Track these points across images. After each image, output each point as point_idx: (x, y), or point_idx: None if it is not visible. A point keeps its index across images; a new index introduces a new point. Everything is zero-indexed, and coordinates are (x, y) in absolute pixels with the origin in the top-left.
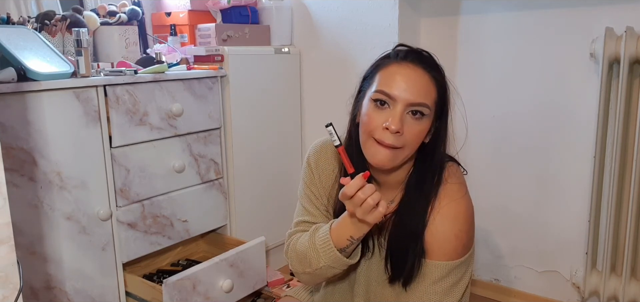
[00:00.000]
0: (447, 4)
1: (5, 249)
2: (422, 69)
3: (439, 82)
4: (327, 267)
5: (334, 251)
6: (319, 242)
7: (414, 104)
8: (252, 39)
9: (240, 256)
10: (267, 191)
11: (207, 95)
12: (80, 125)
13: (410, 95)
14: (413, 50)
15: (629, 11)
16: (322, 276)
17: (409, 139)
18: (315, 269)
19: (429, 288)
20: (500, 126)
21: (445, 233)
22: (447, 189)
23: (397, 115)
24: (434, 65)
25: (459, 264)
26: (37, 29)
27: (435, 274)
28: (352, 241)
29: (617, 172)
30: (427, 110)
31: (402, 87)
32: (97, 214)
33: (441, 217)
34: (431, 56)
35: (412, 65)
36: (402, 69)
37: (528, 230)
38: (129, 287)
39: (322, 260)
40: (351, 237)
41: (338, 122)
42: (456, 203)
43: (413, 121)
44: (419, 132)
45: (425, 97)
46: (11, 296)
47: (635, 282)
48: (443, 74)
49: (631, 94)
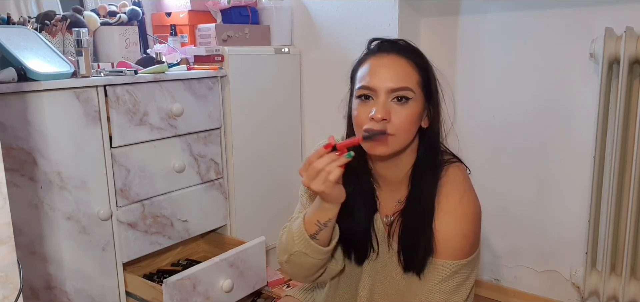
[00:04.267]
0: (447, 4)
1: (6, 249)
2: (397, 55)
3: (419, 65)
4: (300, 253)
5: (305, 235)
6: (295, 228)
7: (394, 89)
8: (252, 39)
9: (240, 256)
10: (267, 191)
11: (207, 95)
12: (81, 125)
13: (390, 81)
14: (387, 40)
15: (629, 11)
16: (299, 265)
17: (398, 125)
18: (291, 255)
19: (435, 287)
20: (500, 126)
21: (453, 232)
22: (450, 177)
23: (380, 104)
24: (410, 49)
25: (466, 263)
26: (38, 29)
27: (442, 273)
28: (320, 226)
29: (617, 172)
30: (410, 93)
31: (381, 75)
32: (97, 214)
33: (449, 217)
34: (407, 42)
35: (387, 54)
36: (378, 60)
37: (528, 230)
38: (129, 287)
39: (296, 245)
40: (318, 221)
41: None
42: (464, 203)
43: (399, 107)
44: (407, 116)
45: (405, 81)
46: (11, 296)
47: (635, 282)
48: (422, 55)
49: (631, 94)
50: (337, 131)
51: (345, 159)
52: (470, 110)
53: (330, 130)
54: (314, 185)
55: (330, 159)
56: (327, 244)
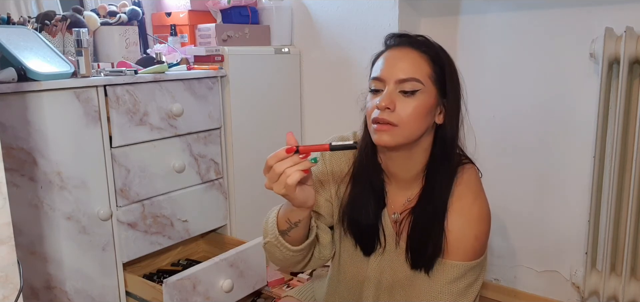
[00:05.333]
0: (447, 4)
1: (6, 249)
2: (408, 48)
3: (432, 57)
4: (272, 245)
5: (275, 230)
6: (270, 218)
7: (401, 80)
8: (252, 39)
9: (240, 256)
10: (267, 191)
11: (207, 95)
12: (81, 125)
13: (398, 71)
14: (399, 34)
15: (629, 11)
16: (273, 255)
17: (404, 116)
18: (265, 243)
19: (444, 288)
20: (500, 126)
21: (466, 233)
22: (465, 178)
23: (386, 94)
24: (423, 42)
25: (475, 265)
26: (38, 29)
27: (451, 273)
28: (290, 225)
29: (617, 172)
30: (418, 84)
31: (389, 66)
32: (97, 214)
33: (463, 218)
34: (425, 37)
35: (399, 47)
36: (389, 53)
37: (528, 230)
38: (129, 287)
39: (268, 235)
40: (289, 219)
41: (338, 120)
42: (478, 205)
43: (406, 98)
44: (415, 108)
45: (413, 72)
46: (11, 296)
47: (635, 282)
48: (436, 48)
49: (631, 94)
50: (337, 131)
51: (308, 164)
52: (470, 110)
53: (331, 130)
54: (275, 188)
55: (291, 162)
56: (299, 244)
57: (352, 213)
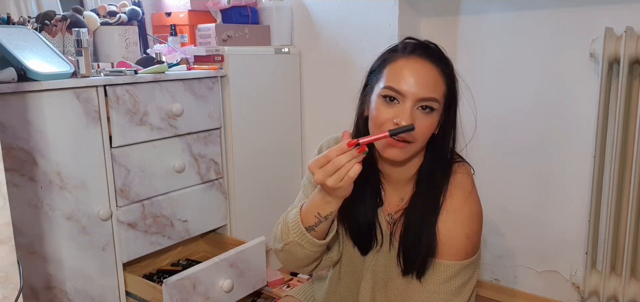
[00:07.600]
0: (447, 4)
1: (6, 249)
2: (430, 63)
3: (448, 75)
4: (295, 244)
5: (300, 227)
6: (290, 218)
7: (423, 98)
8: (252, 39)
9: (240, 256)
10: (267, 191)
11: (207, 95)
12: (81, 125)
13: (420, 90)
14: (421, 44)
15: (629, 11)
16: (293, 255)
17: (419, 134)
18: (285, 244)
19: (438, 287)
20: (500, 126)
21: (456, 233)
22: (457, 179)
23: (407, 111)
24: (441, 57)
25: (468, 264)
26: (37, 29)
27: (445, 273)
28: (320, 219)
29: (617, 172)
30: (436, 104)
31: (411, 82)
32: (97, 214)
33: (453, 217)
34: (439, 48)
35: (420, 59)
36: (410, 63)
37: (528, 230)
38: (129, 287)
39: (290, 235)
40: (319, 214)
41: (338, 120)
42: (469, 204)
43: (423, 115)
44: (429, 125)
45: (434, 91)
46: (11, 296)
47: (635, 282)
48: (451, 66)
49: (631, 94)
50: (337, 130)
51: (362, 156)
52: (470, 110)
53: (331, 130)
54: (330, 181)
55: (351, 156)
56: (323, 238)
57: (351, 211)
